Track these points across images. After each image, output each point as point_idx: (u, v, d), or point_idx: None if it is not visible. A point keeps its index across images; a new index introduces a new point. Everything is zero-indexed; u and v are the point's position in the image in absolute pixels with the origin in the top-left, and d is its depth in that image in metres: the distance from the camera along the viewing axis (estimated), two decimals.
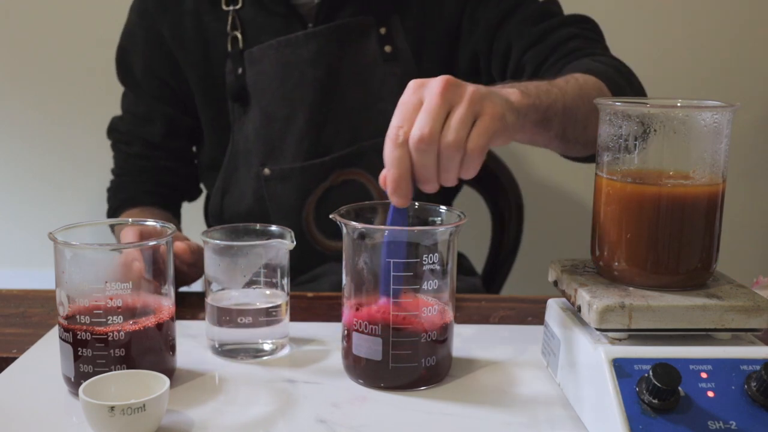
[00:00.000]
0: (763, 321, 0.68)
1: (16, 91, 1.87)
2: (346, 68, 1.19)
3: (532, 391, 0.78)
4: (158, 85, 1.26)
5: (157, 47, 1.23)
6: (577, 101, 0.94)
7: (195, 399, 0.75)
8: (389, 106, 1.20)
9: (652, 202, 0.70)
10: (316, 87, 1.18)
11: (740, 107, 0.70)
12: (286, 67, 1.17)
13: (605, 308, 0.67)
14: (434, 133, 0.71)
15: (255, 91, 1.19)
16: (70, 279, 0.73)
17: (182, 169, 1.32)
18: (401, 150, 0.72)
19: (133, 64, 1.26)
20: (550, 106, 0.87)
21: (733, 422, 0.63)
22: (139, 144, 1.28)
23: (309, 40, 1.17)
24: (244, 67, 1.19)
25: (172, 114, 1.27)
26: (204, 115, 1.25)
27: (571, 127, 0.94)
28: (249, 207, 1.23)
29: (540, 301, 0.95)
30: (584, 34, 1.13)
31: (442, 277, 0.76)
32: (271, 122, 1.19)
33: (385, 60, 1.19)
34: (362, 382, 0.78)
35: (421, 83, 0.74)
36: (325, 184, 1.20)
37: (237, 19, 1.19)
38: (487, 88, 0.77)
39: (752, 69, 1.82)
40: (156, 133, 1.27)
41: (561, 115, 0.90)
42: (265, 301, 0.84)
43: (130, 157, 1.30)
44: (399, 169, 0.72)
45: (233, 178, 1.24)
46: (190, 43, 1.21)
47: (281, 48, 1.17)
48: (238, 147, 1.22)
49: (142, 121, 1.28)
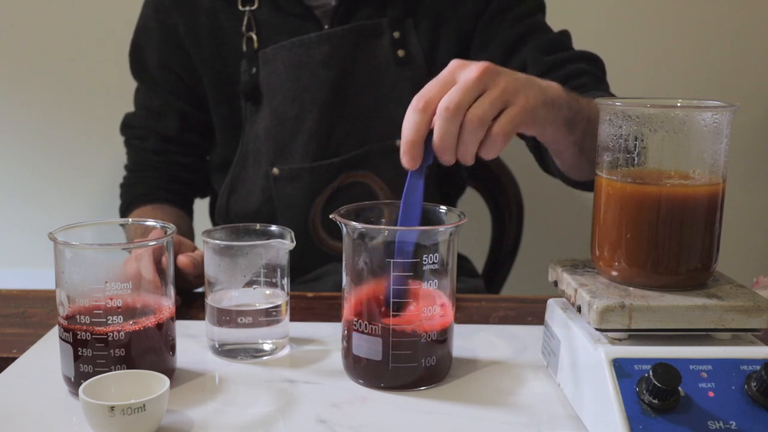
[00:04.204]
0: (763, 321, 0.68)
1: (16, 91, 1.87)
2: (358, 71, 1.19)
3: (532, 391, 0.78)
4: (173, 80, 1.26)
5: (172, 43, 1.24)
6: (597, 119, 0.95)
7: (195, 399, 0.75)
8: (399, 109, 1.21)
9: (652, 202, 0.70)
10: (327, 88, 1.18)
11: (740, 107, 0.70)
12: (299, 67, 1.18)
13: (605, 308, 0.67)
14: (461, 105, 0.73)
15: (267, 90, 1.20)
16: (70, 279, 0.73)
17: (196, 164, 1.31)
18: (420, 115, 0.74)
19: (148, 59, 1.26)
20: (580, 110, 0.91)
21: (733, 422, 0.63)
22: (154, 139, 1.28)
23: (322, 41, 1.17)
24: (258, 67, 1.19)
25: (186, 109, 1.27)
26: (216, 112, 1.26)
27: (590, 139, 0.96)
28: (257, 206, 1.23)
29: (540, 301, 0.95)
30: (593, 72, 1.16)
31: (443, 277, 0.76)
32: (282, 122, 1.19)
33: (398, 64, 1.20)
34: (362, 382, 0.78)
35: (462, 64, 0.76)
36: (333, 185, 1.20)
37: (252, 20, 1.20)
38: (527, 77, 0.79)
39: (752, 69, 1.82)
40: (171, 127, 1.27)
41: (585, 123, 0.93)
42: (265, 301, 0.84)
43: (144, 152, 1.29)
44: (413, 135, 0.74)
45: (242, 177, 1.24)
46: (205, 40, 1.22)
47: (294, 48, 1.18)
48: (248, 146, 1.23)
49: (156, 115, 1.28)
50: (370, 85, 1.20)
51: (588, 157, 1.00)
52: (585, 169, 1.04)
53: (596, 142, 1.01)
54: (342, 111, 1.19)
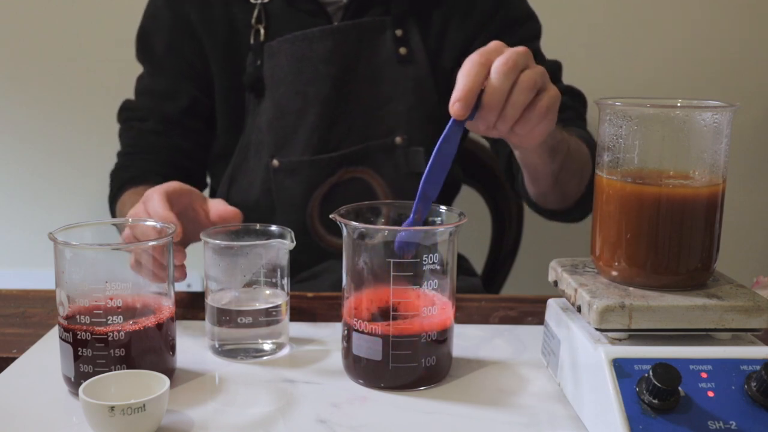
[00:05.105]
0: (763, 321, 0.68)
1: (16, 91, 1.87)
2: (361, 67, 1.20)
3: (532, 391, 0.78)
4: (182, 64, 1.25)
5: (183, 29, 1.23)
6: (575, 154, 1.06)
7: (195, 399, 0.75)
8: (400, 107, 1.23)
9: (652, 202, 0.70)
10: (329, 83, 1.19)
11: (740, 107, 0.70)
12: (302, 61, 1.19)
13: (605, 308, 0.67)
14: (518, 65, 0.77)
15: (270, 83, 1.20)
16: (70, 279, 0.73)
17: (195, 152, 1.28)
18: (480, 68, 0.76)
19: (155, 44, 1.25)
20: (562, 140, 0.98)
21: (733, 422, 0.63)
22: (155, 119, 1.25)
23: (325, 36, 1.18)
24: (263, 60, 1.20)
25: (194, 93, 1.25)
26: (222, 102, 1.25)
27: (565, 172, 1.05)
28: (256, 198, 1.23)
29: (540, 301, 0.95)
30: (575, 107, 1.20)
31: (442, 277, 0.76)
32: (284, 115, 1.20)
33: (399, 62, 1.20)
34: (362, 382, 0.78)
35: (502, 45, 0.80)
36: (331, 180, 1.21)
37: (263, 13, 1.21)
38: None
39: (752, 69, 1.82)
40: (176, 108, 1.24)
41: (564, 155, 1.00)
42: (265, 301, 0.84)
43: (142, 133, 1.25)
44: (472, 83, 0.76)
45: (242, 168, 1.25)
46: (217, 29, 1.22)
47: (297, 42, 1.18)
48: (250, 138, 1.23)
49: (162, 97, 1.25)
50: (372, 81, 1.20)
51: (561, 188, 1.09)
52: (555, 199, 1.13)
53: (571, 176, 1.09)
54: (344, 107, 1.20)
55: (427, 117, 1.22)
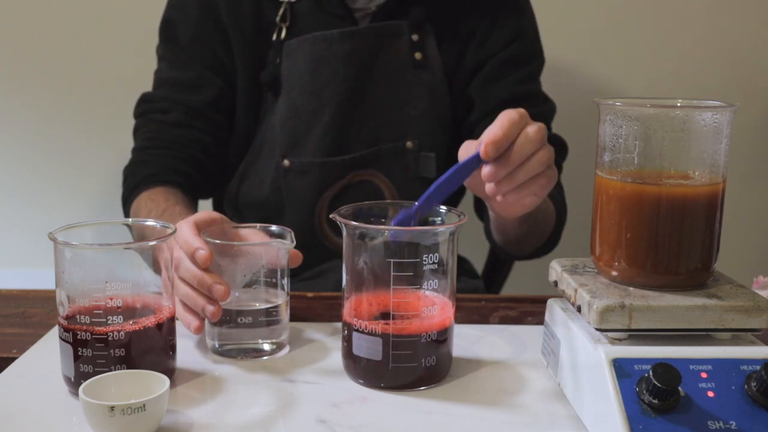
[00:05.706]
0: (763, 321, 0.68)
1: (16, 91, 1.87)
2: (377, 70, 1.20)
3: (532, 391, 0.78)
4: (209, 55, 1.23)
5: (212, 21, 1.22)
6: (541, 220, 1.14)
7: (195, 399, 0.75)
8: (412, 111, 1.24)
9: (652, 202, 0.70)
10: (345, 85, 1.19)
11: (740, 107, 0.70)
12: (319, 62, 1.19)
13: (605, 308, 0.67)
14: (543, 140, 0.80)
15: (287, 82, 1.20)
16: (70, 279, 0.73)
17: (214, 148, 1.24)
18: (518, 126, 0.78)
19: (180, 34, 1.24)
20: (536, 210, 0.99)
21: (733, 422, 0.63)
22: (179, 111, 1.22)
23: (345, 38, 1.18)
24: (281, 58, 1.20)
25: (221, 84, 1.23)
26: (242, 98, 1.25)
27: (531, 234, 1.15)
28: (265, 196, 1.23)
29: (540, 301, 0.95)
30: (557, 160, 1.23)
31: (442, 277, 0.76)
32: (298, 115, 1.20)
33: (414, 66, 1.21)
34: (362, 382, 0.78)
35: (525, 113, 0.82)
36: (341, 182, 1.21)
37: (289, 12, 1.20)
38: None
39: (752, 69, 1.82)
40: (201, 100, 1.22)
41: (533, 221, 1.08)
42: (265, 301, 0.84)
43: (164, 126, 1.21)
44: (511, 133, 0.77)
45: (254, 165, 1.25)
46: (244, 24, 1.22)
47: (317, 43, 1.19)
48: (264, 136, 1.23)
49: (186, 88, 1.23)
50: (388, 85, 1.21)
51: (521, 244, 1.19)
52: (517, 251, 1.22)
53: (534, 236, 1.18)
54: (357, 109, 1.20)
55: (438, 123, 1.23)
